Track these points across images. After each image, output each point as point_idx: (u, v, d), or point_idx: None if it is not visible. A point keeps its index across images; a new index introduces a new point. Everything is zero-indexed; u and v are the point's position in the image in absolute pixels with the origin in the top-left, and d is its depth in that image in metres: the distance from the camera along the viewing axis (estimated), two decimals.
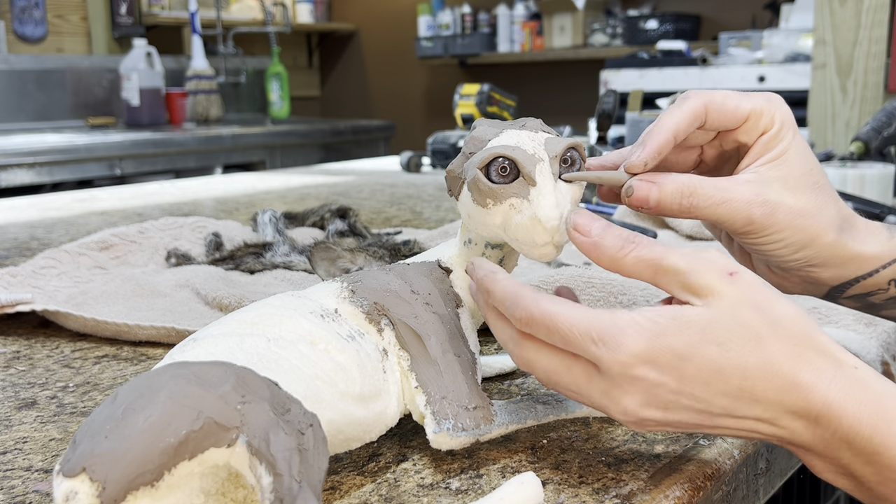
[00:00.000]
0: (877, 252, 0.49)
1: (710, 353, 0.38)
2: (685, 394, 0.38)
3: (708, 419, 0.39)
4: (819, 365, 0.38)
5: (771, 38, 2.51)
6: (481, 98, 1.77)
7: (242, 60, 3.73)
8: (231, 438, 0.34)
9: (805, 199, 0.47)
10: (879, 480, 0.38)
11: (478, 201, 0.45)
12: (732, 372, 0.38)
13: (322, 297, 0.46)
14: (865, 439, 0.37)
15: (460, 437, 0.44)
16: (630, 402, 0.39)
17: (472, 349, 0.47)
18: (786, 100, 0.51)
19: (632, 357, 0.38)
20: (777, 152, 0.47)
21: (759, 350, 0.38)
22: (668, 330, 0.38)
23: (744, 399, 0.38)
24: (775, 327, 0.38)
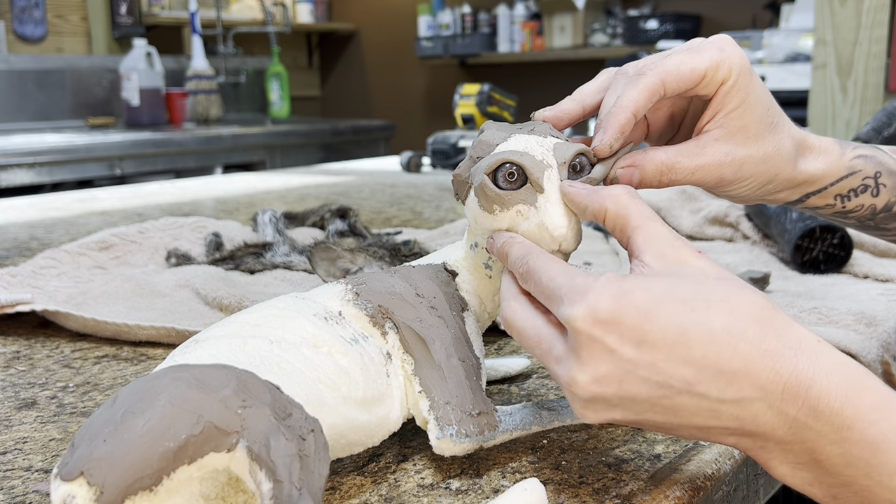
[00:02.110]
0: (827, 170, 0.53)
1: (675, 308, 0.36)
2: (643, 363, 0.36)
3: (666, 396, 0.37)
4: (785, 333, 0.37)
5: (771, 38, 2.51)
6: (481, 98, 1.77)
7: (242, 60, 3.73)
8: (231, 443, 0.33)
9: (766, 143, 0.50)
10: (847, 462, 0.35)
11: (484, 207, 0.45)
12: (697, 334, 0.36)
13: (326, 300, 0.46)
14: (836, 412, 0.35)
15: (464, 444, 0.44)
16: (582, 375, 0.37)
17: (476, 354, 0.47)
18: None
19: (592, 314, 0.37)
20: (737, 101, 0.48)
21: (726, 312, 0.36)
22: (633, 287, 0.37)
23: (707, 369, 0.36)
24: (742, 292, 0.37)
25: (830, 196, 0.54)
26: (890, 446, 0.35)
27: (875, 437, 0.35)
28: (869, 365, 0.64)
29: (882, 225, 0.56)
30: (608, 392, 0.37)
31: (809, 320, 0.69)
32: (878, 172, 0.54)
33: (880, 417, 0.35)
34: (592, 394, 0.38)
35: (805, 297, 0.76)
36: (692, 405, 0.37)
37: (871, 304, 0.73)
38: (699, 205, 1.04)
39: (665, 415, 0.38)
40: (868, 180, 0.53)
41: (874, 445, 0.35)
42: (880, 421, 0.35)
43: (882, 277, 0.82)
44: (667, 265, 0.39)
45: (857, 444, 0.35)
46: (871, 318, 0.68)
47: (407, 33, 4.23)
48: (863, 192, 0.53)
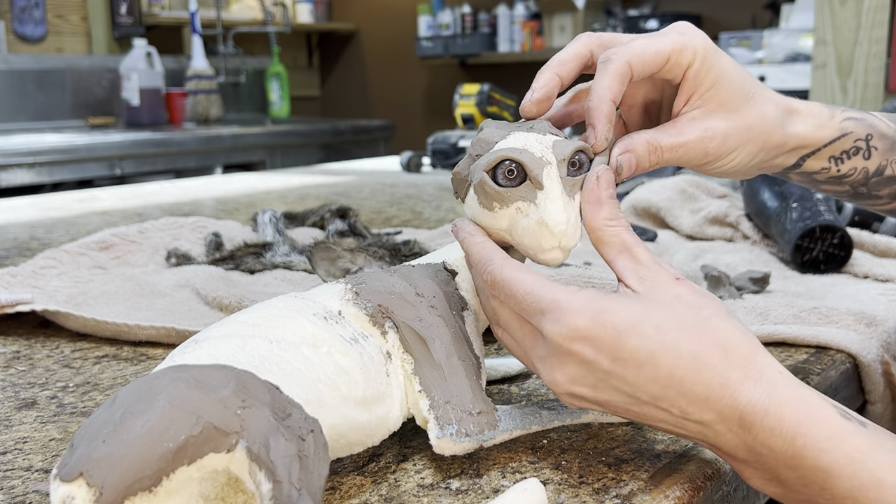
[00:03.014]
0: (819, 131, 0.53)
1: (647, 332, 0.39)
2: (615, 375, 0.40)
3: (635, 404, 0.40)
4: (746, 365, 0.39)
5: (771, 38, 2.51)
6: (481, 98, 1.77)
7: (242, 60, 3.73)
8: (231, 444, 0.33)
9: (747, 114, 0.50)
10: (803, 484, 0.38)
11: (484, 204, 0.45)
12: (665, 357, 0.39)
13: (325, 299, 0.46)
14: (788, 441, 0.37)
15: (464, 443, 0.44)
16: (560, 376, 0.41)
17: (476, 353, 0.47)
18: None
19: (572, 331, 0.40)
20: (710, 81, 0.49)
21: (694, 341, 0.39)
22: (610, 307, 0.40)
23: (672, 389, 0.39)
24: (710, 322, 0.40)
25: (825, 158, 0.54)
26: (841, 472, 0.37)
27: (827, 464, 0.37)
28: (869, 365, 0.64)
29: (874, 191, 0.56)
30: (584, 392, 0.41)
31: (809, 320, 0.69)
32: (870, 135, 0.55)
33: (830, 447, 0.37)
34: (570, 391, 0.42)
35: (805, 297, 0.76)
36: (659, 416, 0.40)
37: (871, 304, 0.73)
38: (699, 205, 1.04)
39: (638, 417, 0.42)
40: (860, 142, 0.54)
41: (826, 472, 0.37)
42: (831, 450, 0.37)
43: (882, 277, 0.82)
44: (648, 288, 0.42)
45: (811, 470, 0.37)
46: (871, 318, 0.68)
47: (407, 33, 4.23)
48: (855, 154, 0.54)
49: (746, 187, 0.97)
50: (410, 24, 4.20)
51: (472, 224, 0.47)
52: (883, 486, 0.36)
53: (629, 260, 0.43)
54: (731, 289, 0.76)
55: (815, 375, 0.60)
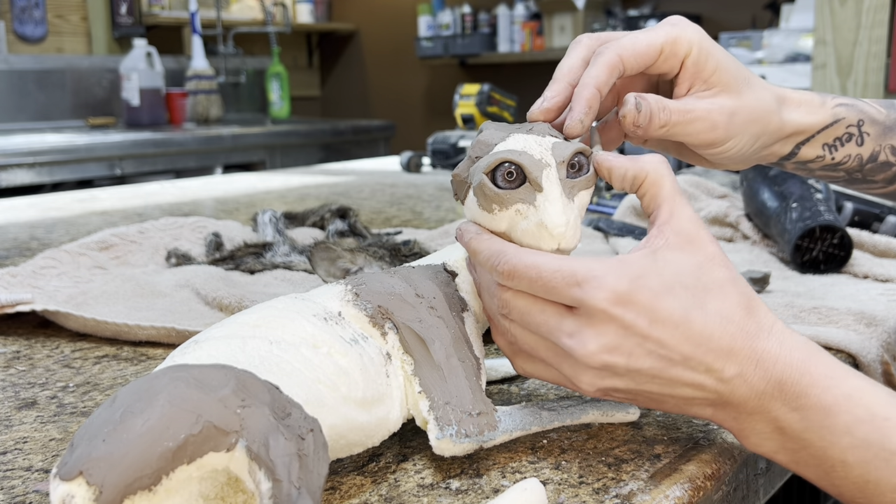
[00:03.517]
0: (812, 118, 0.55)
1: (679, 294, 0.42)
2: (652, 339, 0.41)
3: (666, 368, 0.42)
4: (761, 319, 0.43)
5: (771, 38, 2.51)
6: (481, 98, 1.77)
7: (242, 60, 3.73)
8: (230, 443, 0.33)
9: (749, 96, 0.51)
10: (805, 427, 0.41)
11: (483, 206, 0.45)
12: (696, 315, 0.41)
13: (325, 300, 0.46)
14: (795, 380, 0.41)
15: (463, 444, 0.44)
16: (597, 345, 0.42)
17: (476, 354, 0.47)
18: None
19: (614, 294, 0.41)
20: (711, 68, 0.50)
21: (719, 299, 0.42)
22: (647, 271, 0.42)
23: (702, 346, 0.41)
24: (735, 284, 0.43)
25: (819, 146, 0.55)
26: (840, 409, 0.40)
27: (827, 401, 0.40)
28: (869, 365, 0.64)
29: (870, 177, 0.57)
30: (618, 362, 0.42)
31: (809, 320, 0.69)
32: (861, 121, 0.55)
33: (832, 384, 0.41)
34: (603, 362, 0.42)
35: (805, 297, 0.76)
36: (687, 377, 0.42)
37: (871, 304, 0.73)
38: (699, 205, 1.04)
39: (661, 385, 0.43)
40: (852, 128, 0.55)
41: (826, 409, 0.40)
42: (832, 387, 0.41)
43: (882, 277, 0.82)
44: (683, 242, 0.43)
45: (813, 409, 0.41)
46: (871, 318, 0.68)
47: (407, 33, 4.23)
48: (848, 140, 0.55)
49: (746, 187, 0.97)
50: (410, 24, 4.20)
51: (476, 226, 0.47)
52: (876, 419, 0.40)
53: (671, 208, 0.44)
54: None
55: None
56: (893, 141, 0.56)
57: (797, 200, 0.87)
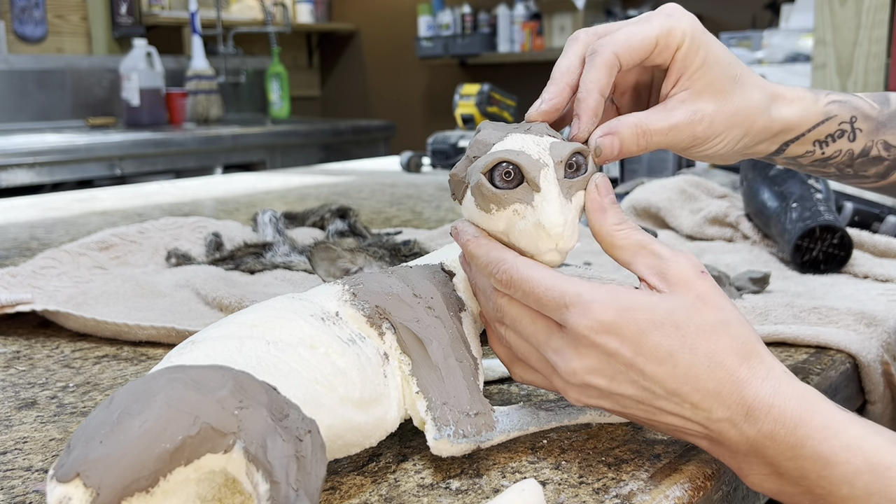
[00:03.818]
0: (803, 116, 0.54)
1: (668, 332, 0.41)
2: (636, 368, 0.41)
3: (649, 398, 0.42)
4: (755, 365, 0.41)
5: (771, 38, 2.51)
6: (481, 98, 1.77)
7: (242, 60, 3.73)
8: (228, 444, 0.33)
9: (735, 97, 0.51)
10: (801, 475, 0.40)
11: (481, 206, 0.45)
12: (683, 356, 0.41)
13: (323, 300, 0.46)
14: (789, 431, 0.40)
15: (461, 444, 0.44)
16: (579, 365, 0.42)
17: (474, 354, 0.47)
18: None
19: (598, 324, 0.41)
20: (699, 62, 0.50)
21: (711, 342, 0.41)
22: (636, 305, 0.41)
23: (687, 385, 0.41)
24: (727, 327, 0.42)
25: (808, 143, 0.55)
26: (838, 460, 0.39)
27: (825, 452, 0.39)
28: (869, 365, 0.64)
29: (860, 171, 0.57)
30: (600, 384, 0.42)
31: (809, 320, 0.69)
32: (854, 117, 0.55)
33: (829, 435, 0.39)
34: (586, 382, 0.42)
35: (805, 297, 0.76)
36: (671, 408, 0.42)
37: (871, 304, 0.73)
38: (699, 205, 1.04)
39: (646, 413, 0.43)
40: (844, 125, 0.55)
41: (823, 460, 0.39)
42: (829, 438, 0.39)
43: (882, 277, 0.82)
44: (671, 285, 0.42)
45: (810, 460, 0.40)
46: (871, 318, 0.68)
47: (407, 33, 4.23)
48: (840, 136, 0.55)
49: (746, 187, 0.97)
50: (410, 24, 4.20)
51: (473, 226, 0.47)
52: (876, 469, 0.38)
53: (648, 257, 0.44)
54: (731, 289, 0.76)
55: (815, 375, 0.60)
56: (886, 136, 0.55)
57: (797, 200, 0.87)
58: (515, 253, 0.45)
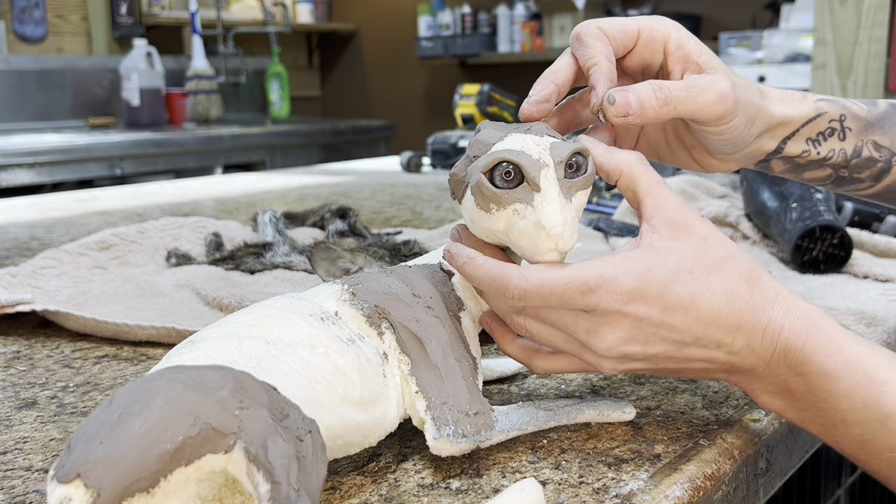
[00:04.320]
0: (796, 111, 0.55)
1: (685, 280, 0.44)
2: (666, 325, 0.44)
3: (680, 349, 0.44)
4: (765, 289, 0.45)
5: (771, 38, 2.51)
6: (481, 98, 1.77)
7: (242, 60, 3.73)
8: (228, 444, 0.33)
9: (732, 77, 0.52)
10: (808, 389, 0.44)
11: (481, 206, 0.45)
12: (703, 297, 0.44)
13: (322, 300, 0.46)
14: (798, 348, 0.43)
15: (460, 444, 0.44)
16: (614, 338, 0.44)
17: (473, 354, 0.47)
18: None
19: (626, 294, 0.43)
20: (695, 49, 0.51)
21: (722, 276, 0.44)
22: (652, 264, 0.44)
23: (712, 325, 0.44)
24: (734, 259, 0.45)
25: (803, 140, 0.56)
26: (840, 374, 0.42)
27: (829, 367, 0.43)
28: None
29: (856, 173, 0.57)
30: (635, 351, 0.44)
31: None
32: (843, 115, 0.56)
33: (833, 350, 0.43)
34: (621, 353, 0.44)
35: (805, 297, 0.76)
36: (699, 354, 0.45)
37: (871, 304, 0.73)
38: (699, 205, 1.04)
39: (678, 362, 0.45)
40: (834, 123, 0.56)
41: (827, 374, 0.43)
42: (833, 354, 0.43)
43: (882, 277, 0.82)
44: (674, 231, 0.45)
45: (815, 375, 0.43)
46: (871, 318, 0.68)
47: (407, 33, 4.23)
48: (830, 135, 0.56)
49: (746, 187, 0.97)
50: (410, 24, 4.20)
51: (465, 248, 0.46)
52: (873, 384, 0.42)
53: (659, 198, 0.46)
54: None
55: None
56: (875, 136, 0.56)
57: (797, 200, 0.87)
58: (514, 265, 0.45)
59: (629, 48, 0.52)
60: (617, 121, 0.48)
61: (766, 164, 0.57)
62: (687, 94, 0.49)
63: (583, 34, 0.50)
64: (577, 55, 0.51)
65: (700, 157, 0.57)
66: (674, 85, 0.49)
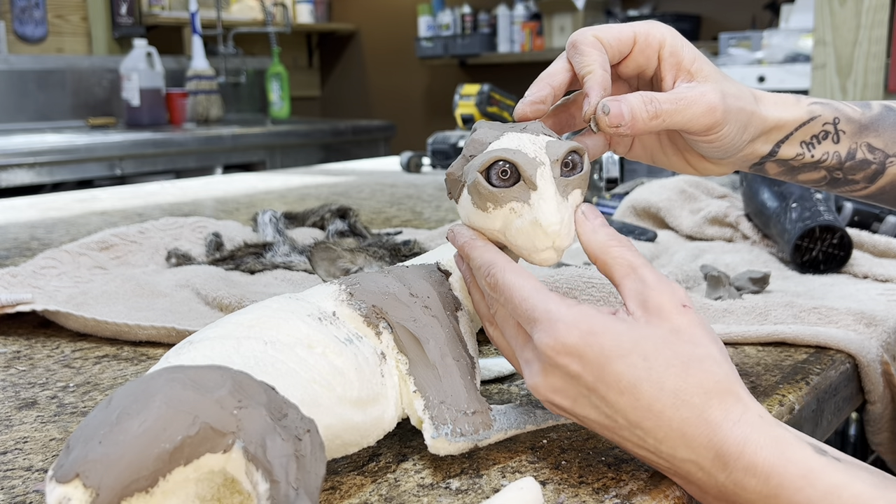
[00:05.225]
0: (789, 114, 0.55)
1: (634, 362, 0.40)
2: (597, 394, 0.40)
3: (612, 426, 0.41)
4: (728, 407, 0.39)
5: (771, 38, 2.51)
6: (481, 98, 1.77)
7: (242, 60, 3.73)
8: (227, 444, 0.33)
9: (728, 85, 0.52)
10: None
11: (478, 205, 0.45)
12: (647, 389, 0.39)
13: (320, 300, 0.46)
14: (761, 480, 0.38)
15: (458, 443, 0.44)
16: (542, 383, 0.42)
17: (471, 353, 0.47)
18: None
19: (561, 345, 0.41)
20: (688, 56, 0.51)
21: (680, 377, 0.39)
22: (602, 330, 0.40)
23: (650, 420, 0.39)
24: (700, 363, 0.40)
25: (797, 144, 0.55)
26: None
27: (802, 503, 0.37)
28: (868, 365, 0.64)
29: (850, 175, 0.57)
30: (563, 403, 0.42)
31: (809, 320, 0.69)
32: (837, 118, 0.55)
33: (804, 485, 0.37)
34: (549, 399, 0.43)
35: (805, 297, 0.76)
36: (634, 440, 0.41)
37: (870, 304, 0.73)
38: (699, 205, 1.04)
39: (613, 437, 0.42)
40: (828, 126, 0.55)
41: None
42: (804, 488, 0.37)
43: (882, 277, 0.82)
44: (645, 314, 0.42)
45: None
46: (870, 318, 0.68)
47: (407, 33, 4.23)
48: (824, 138, 0.55)
49: (746, 187, 0.97)
50: (410, 25, 4.20)
51: (469, 230, 0.47)
52: None
53: (635, 282, 0.43)
54: (731, 289, 0.76)
55: (815, 375, 0.60)
56: (869, 138, 0.56)
57: (797, 200, 0.87)
58: (508, 258, 0.45)
59: (625, 54, 0.52)
60: (609, 131, 0.48)
61: (760, 167, 0.57)
62: (676, 106, 0.49)
63: (579, 42, 0.50)
64: (572, 62, 0.51)
65: (694, 161, 0.57)
66: (664, 97, 0.49)
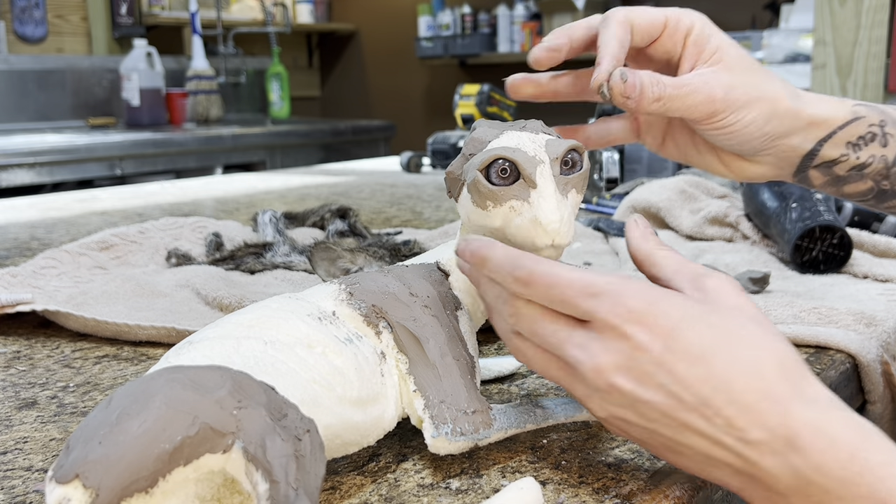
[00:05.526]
0: (832, 112, 0.53)
1: (703, 330, 0.37)
2: (666, 367, 0.36)
3: (678, 407, 0.36)
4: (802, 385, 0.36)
5: (771, 38, 2.51)
6: (481, 98, 1.77)
7: (242, 60, 3.73)
8: (227, 444, 0.33)
9: (751, 76, 0.51)
10: None
11: (477, 203, 0.45)
12: (721, 356, 0.36)
13: (320, 300, 0.46)
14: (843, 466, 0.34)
15: (459, 442, 0.44)
16: (605, 360, 0.38)
17: (471, 352, 0.47)
18: None
19: (629, 312, 0.37)
20: (712, 47, 0.51)
21: (753, 348, 0.37)
22: (669, 300, 0.38)
23: (722, 393, 0.36)
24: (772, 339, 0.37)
25: (842, 144, 0.53)
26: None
27: (883, 494, 0.33)
28: (868, 365, 0.64)
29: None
30: (626, 386, 0.38)
31: (809, 320, 0.69)
32: (883, 121, 0.53)
33: (887, 474, 0.33)
34: (611, 384, 0.38)
35: (805, 297, 0.76)
36: (699, 425, 0.36)
37: (870, 304, 0.73)
38: (699, 205, 1.04)
39: (673, 430, 0.37)
40: (874, 128, 0.53)
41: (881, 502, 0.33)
42: (887, 478, 0.33)
43: (882, 277, 0.82)
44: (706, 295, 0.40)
45: (866, 500, 0.33)
46: (870, 318, 0.68)
47: (407, 33, 4.23)
48: (871, 140, 0.53)
49: (746, 187, 0.97)
50: (410, 25, 4.20)
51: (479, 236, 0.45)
52: None
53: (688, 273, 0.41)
54: None
55: (815, 375, 0.60)
56: None
57: (797, 200, 0.87)
58: (533, 255, 0.42)
59: (654, 38, 0.52)
60: (619, 99, 0.49)
61: (804, 176, 0.55)
62: (677, 92, 0.49)
63: (610, 16, 0.51)
64: (599, 33, 0.51)
65: (728, 160, 0.55)
66: (669, 81, 0.49)
